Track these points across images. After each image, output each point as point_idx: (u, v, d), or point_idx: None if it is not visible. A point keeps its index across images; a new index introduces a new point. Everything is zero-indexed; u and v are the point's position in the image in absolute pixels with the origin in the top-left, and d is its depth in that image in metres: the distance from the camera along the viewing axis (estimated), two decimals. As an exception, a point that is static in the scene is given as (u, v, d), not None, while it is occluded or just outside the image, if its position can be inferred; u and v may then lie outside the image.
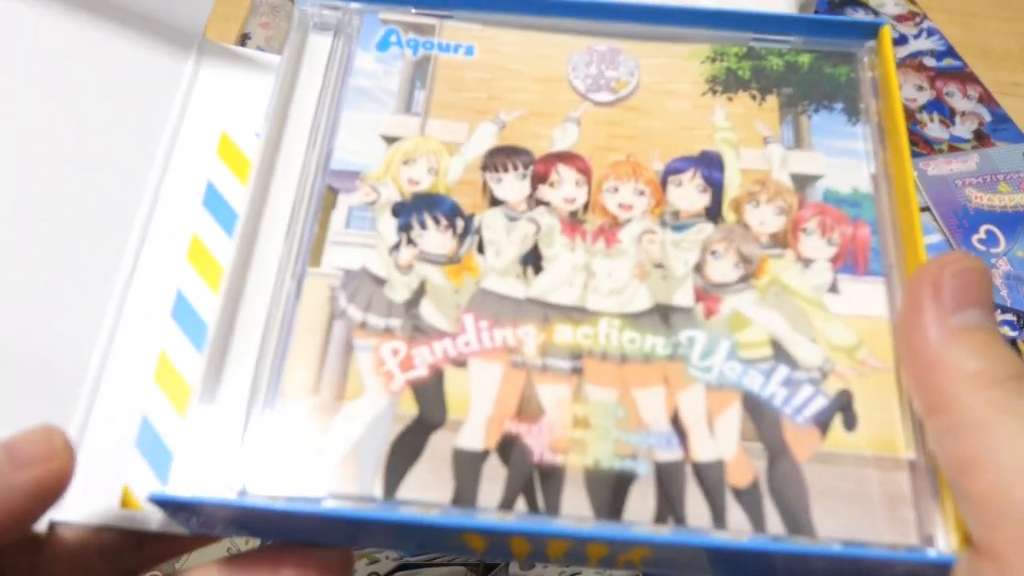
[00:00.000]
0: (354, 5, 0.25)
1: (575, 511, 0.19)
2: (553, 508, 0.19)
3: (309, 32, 0.24)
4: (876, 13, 0.61)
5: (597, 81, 0.25)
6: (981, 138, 0.53)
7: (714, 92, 0.24)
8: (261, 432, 0.19)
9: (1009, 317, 0.44)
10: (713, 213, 0.23)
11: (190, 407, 0.19)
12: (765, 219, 0.23)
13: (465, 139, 0.23)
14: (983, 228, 0.49)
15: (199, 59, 0.25)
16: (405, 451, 0.19)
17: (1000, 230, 0.49)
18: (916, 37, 0.59)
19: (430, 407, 0.20)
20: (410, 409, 0.20)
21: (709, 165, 0.23)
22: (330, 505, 0.18)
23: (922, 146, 0.53)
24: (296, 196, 0.22)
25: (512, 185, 0.23)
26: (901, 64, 0.57)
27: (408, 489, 0.19)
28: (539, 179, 0.23)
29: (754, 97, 0.24)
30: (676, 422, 0.20)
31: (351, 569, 0.20)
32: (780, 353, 0.21)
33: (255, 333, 0.20)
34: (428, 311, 0.21)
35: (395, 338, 0.21)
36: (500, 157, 0.23)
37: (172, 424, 0.21)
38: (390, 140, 0.23)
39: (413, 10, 0.25)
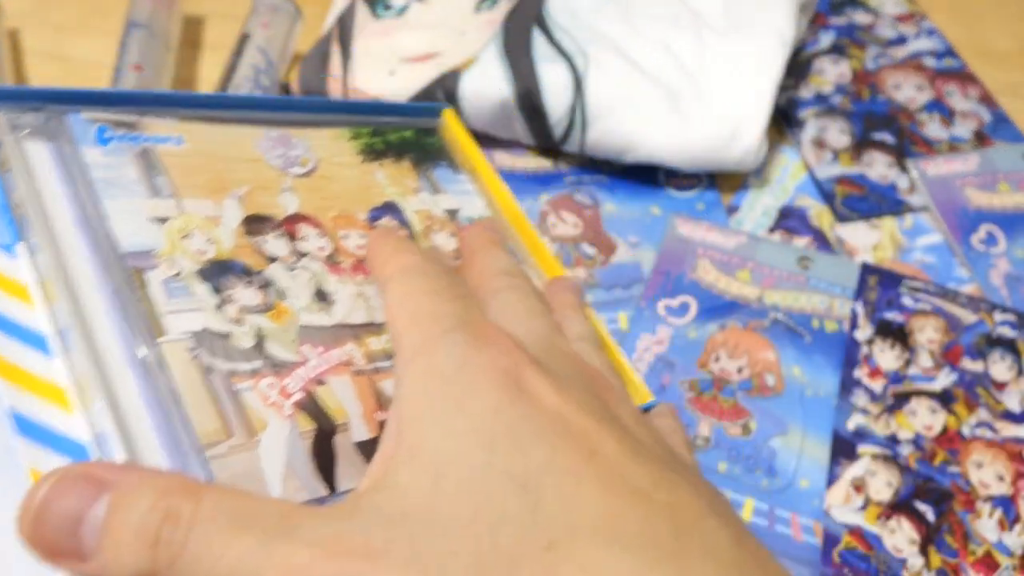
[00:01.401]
0: (52, 107, 0.26)
1: None
2: None
3: (20, 139, 0.26)
4: (876, 13, 0.61)
5: (286, 159, 0.30)
6: (981, 138, 0.53)
7: (368, 160, 0.31)
8: (205, 477, 0.21)
9: (1009, 317, 0.44)
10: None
11: None
12: (445, 242, 0.31)
13: (219, 213, 0.27)
14: (983, 228, 0.49)
15: None
16: (324, 456, 0.23)
17: (1000, 230, 0.49)
18: (916, 37, 0.59)
19: (321, 419, 0.24)
20: (308, 425, 0.24)
21: (393, 211, 0.30)
22: None
23: (922, 146, 0.53)
24: (110, 283, 0.24)
25: (275, 245, 0.27)
26: (901, 64, 0.57)
27: (343, 482, 0.23)
28: (291, 237, 0.28)
29: (394, 161, 0.32)
30: None
31: None
32: None
33: (142, 410, 0.22)
34: (275, 349, 0.25)
35: (264, 376, 0.24)
36: (255, 225, 0.27)
37: None
38: (160, 221, 0.26)
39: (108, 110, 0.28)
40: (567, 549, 0.17)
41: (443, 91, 0.49)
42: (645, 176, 0.51)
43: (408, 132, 0.33)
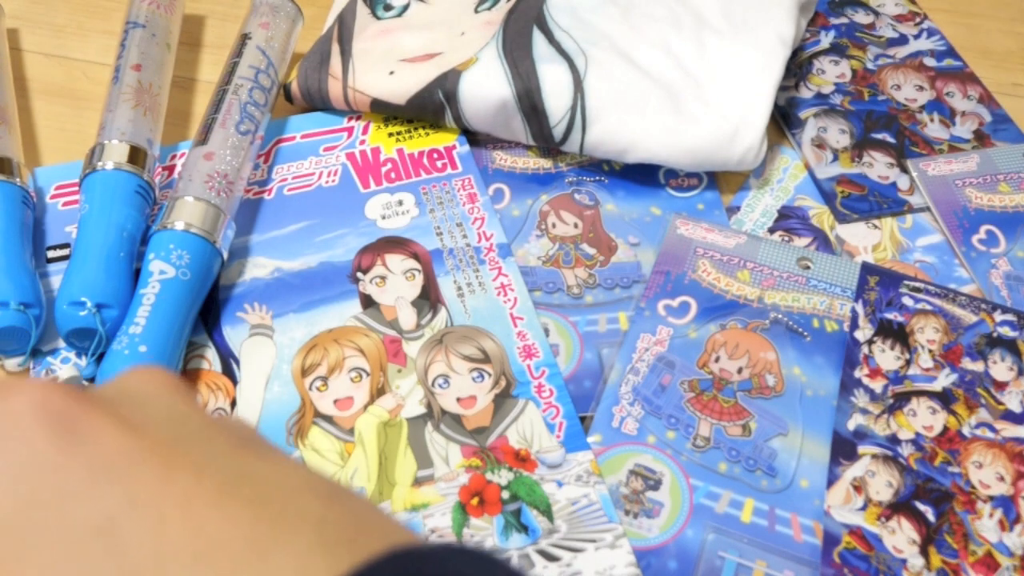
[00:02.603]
0: None
1: None
2: None
3: None
4: (876, 13, 0.61)
5: None
6: (981, 138, 0.53)
7: None
8: None
9: (1009, 317, 0.44)
10: None
11: None
12: None
13: None
14: (983, 228, 0.49)
15: None
16: None
17: (1000, 230, 0.49)
18: (916, 37, 0.59)
19: None
20: None
21: None
22: None
23: (922, 146, 0.53)
24: None
25: None
26: (901, 64, 0.57)
27: None
28: None
29: None
30: None
31: None
32: None
33: None
34: None
35: None
36: None
37: None
38: None
39: None
40: None
41: (443, 91, 0.49)
42: (645, 176, 0.51)
43: None
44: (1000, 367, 0.43)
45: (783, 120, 0.55)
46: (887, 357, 0.43)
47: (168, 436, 0.19)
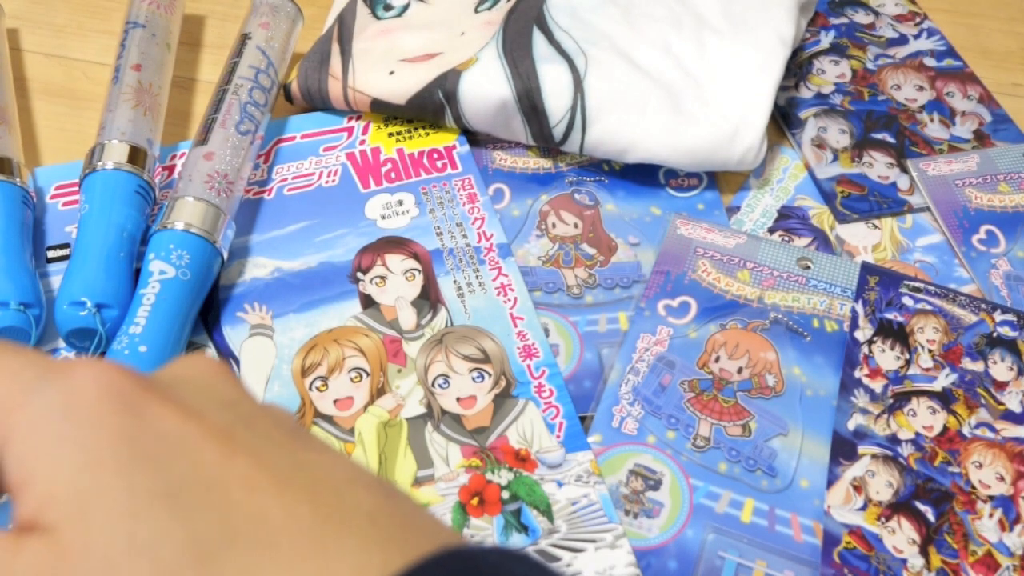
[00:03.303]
0: None
1: None
2: None
3: None
4: (876, 13, 0.61)
5: None
6: (981, 138, 0.53)
7: None
8: None
9: (1009, 317, 0.44)
10: None
11: None
12: None
13: None
14: (983, 228, 0.49)
15: None
16: None
17: (1000, 230, 0.49)
18: (916, 37, 0.59)
19: None
20: None
21: None
22: None
23: (922, 146, 0.53)
24: None
25: None
26: (901, 64, 0.57)
27: None
28: None
29: None
30: None
31: None
32: None
33: None
34: None
35: None
36: None
37: None
38: None
39: None
40: (223, 560, 0.17)
41: (443, 91, 0.49)
42: (645, 176, 0.51)
43: None
44: (1000, 367, 0.43)
45: (783, 120, 0.55)
46: (887, 357, 0.43)
47: (224, 422, 0.19)
